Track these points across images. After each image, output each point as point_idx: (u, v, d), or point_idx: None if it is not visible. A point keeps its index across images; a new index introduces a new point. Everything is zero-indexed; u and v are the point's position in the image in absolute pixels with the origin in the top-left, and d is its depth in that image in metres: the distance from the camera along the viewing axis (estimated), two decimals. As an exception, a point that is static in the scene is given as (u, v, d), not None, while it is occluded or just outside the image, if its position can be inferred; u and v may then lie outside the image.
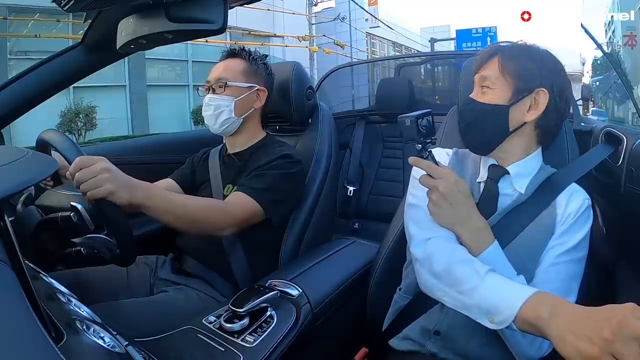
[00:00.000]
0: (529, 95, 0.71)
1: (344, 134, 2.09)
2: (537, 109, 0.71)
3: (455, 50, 10.92)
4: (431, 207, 0.68)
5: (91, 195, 0.68)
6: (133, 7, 0.60)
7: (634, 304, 0.45)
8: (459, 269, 0.62)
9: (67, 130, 7.10)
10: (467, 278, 0.61)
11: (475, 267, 0.61)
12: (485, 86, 0.73)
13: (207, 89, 1.04)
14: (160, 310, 0.89)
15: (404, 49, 18.01)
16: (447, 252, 0.66)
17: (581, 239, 0.69)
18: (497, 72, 0.72)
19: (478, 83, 0.75)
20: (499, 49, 0.75)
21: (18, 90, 0.93)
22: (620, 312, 0.45)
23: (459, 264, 0.63)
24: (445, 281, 0.63)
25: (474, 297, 0.59)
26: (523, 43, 0.75)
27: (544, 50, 0.74)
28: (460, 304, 0.61)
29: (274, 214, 0.95)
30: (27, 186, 0.56)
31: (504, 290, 0.57)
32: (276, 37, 11.76)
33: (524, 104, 0.71)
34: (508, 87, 0.71)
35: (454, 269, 0.63)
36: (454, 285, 0.62)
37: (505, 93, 0.71)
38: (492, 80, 0.72)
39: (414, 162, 0.69)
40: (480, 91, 0.74)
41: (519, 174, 0.74)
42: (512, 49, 0.74)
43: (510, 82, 0.71)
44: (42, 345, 0.32)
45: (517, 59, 0.72)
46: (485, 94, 0.73)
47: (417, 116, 0.68)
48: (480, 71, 0.75)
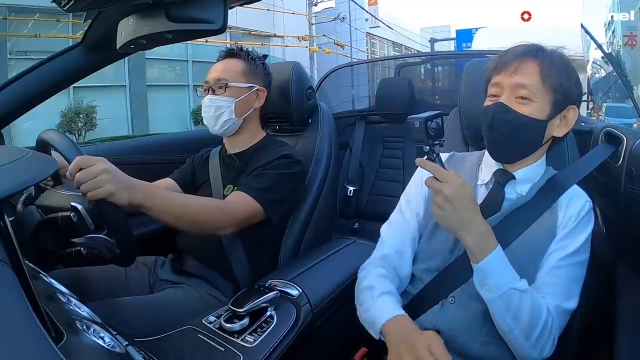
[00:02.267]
0: (562, 111, 0.70)
1: (344, 134, 2.09)
2: (567, 125, 0.71)
3: (456, 50, 10.92)
4: (435, 210, 0.66)
5: (91, 196, 0.68)
6: (133, 7, 0.60)
7: (434, 336, 0.62)
8: (362, 295, 0.75)
9: (67, 130, 7.09)
10: (364, 301, 0.73)
11: (373, 294, 0.72)
12: (526, 97, 0.68)
13: (206, 89, 1.03)
14: (160, 309, 0.89)
15: (404, 49, 18.00)
16: (370, 276, 0.76)
17: (582, 242, 0.69)
18: (538, 81, 0.68)
19: (510, 88, 0.69)
20: (537, 52, 0.70)
21: (18, 90, 0.93)
22: (423, 341, 0.61)
23: (364, 290, 0.75)
24: (358, 299, 0.76)
25: (368, 315, 0.71)
26: (555, 50, 0.72)
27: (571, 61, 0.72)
28: (361, 318, 0.74)
29: (274, 213, 0.95)
30: (27, 186, 0.56)
31: (378, 311, 0.70)
32: (276, 37, 11.75)
33: (556, 119, 0.70)
34: (548, 100, 0.68)
35: (361, 294, 0.75)
36: (360, 305, 0.75)
37: (545, 106, 0.68)
38: (533, 91, 0.68)
39: (420, 164, 0.67)
40: (517, 100, 0.69)
41: (525, 179, 0.73)
42: (551, 56, 0.69)
43: (551, 95, 0.68)
44: (42, 345, 0.32)
45: (557, 70, 0.68)
46: (524, 105, 0.68)
47: (427, 118, 0.67)
48: (513, 74, 0.69)
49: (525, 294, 0.64)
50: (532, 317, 0.63)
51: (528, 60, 0.69)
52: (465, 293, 0.70)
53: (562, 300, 0.66)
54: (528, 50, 0.70)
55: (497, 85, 0.71)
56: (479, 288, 0.66)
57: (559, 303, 0.66)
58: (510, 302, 0.64)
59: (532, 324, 0.64)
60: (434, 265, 0.75)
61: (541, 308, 0.64)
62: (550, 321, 0.65)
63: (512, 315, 0.64)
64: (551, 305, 0.65)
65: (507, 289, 0.64)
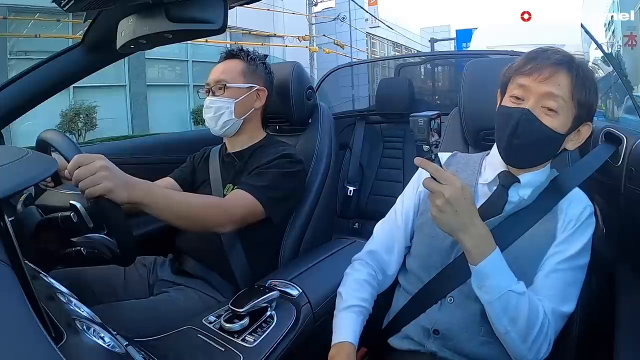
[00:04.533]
0: (579, 126, 0.70)
1: (344, 134, 2.09)
2: (579, 140, 0.71)
3: (456, 50, 10.92)
4: (435, 212, 0.65)
5: (89, 192, 0.68)
6: (133, 7, 0.60)
7: None
8: (337, 295, 0.79)
9: (67, 130, 7.09)
10: (337, 306, 0.77)
11: (339, 305, 0.76)
12: (553, 109, 0.66)
13: (207, 91, 1.04)
14: (161, 311, 0.89)
15: (404, 49, 17.99)
16: (348, 279, 0.80)
17: (582, 246, 0.68)
18: (568, 94, 0.66)
19: (539, 96, 0.67)
20: (571, 63, 0.67)
21: (18, 90, 0.93)
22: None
23: (338, 293, 0.79)
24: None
25: (335, 321, 0.75)
26: (586, 63, 0.71)
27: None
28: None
29: (273, 212, 0.95)
30: (27, 186, 0.56)
31: (335, 327, 0.74)
32: (276, 37, 11.76)
33: (573, 133, 0.70)
34: (571, 115, 0.67)
35: (337, 294, 0.79)
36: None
37: (567, 120, 0.67)
38: (561, 103, 0.66)
39: (420, 164, 0.65)
40: (542, 109, 0.67)
41: (529, 183, 0.73)
42: (584, 70, 0.67)
43: (575, 109, 0.67)
44: (42, 345, 0.32)
45: (586, 86, 0.67)
46: (549, 117, 0.67)
47: (431, 116, 0.66)
48: (543, 81, 0.66)
49: (523, 297, 0.64)
50: (529, 319, 0.63)
51: (562, 70, 0.66)
52: (464, 293, 0.70)
53: (559, 304, 0.66)
54: (563, 60, 0.67)
55: (523, 88, 0.68)
56: (476, 289, 0.66)
57: (556, 306, 0.66)
58: (508, 304, 0.63)
59: (529, 326, 0.63)
60: (430, 262, 0.75)
61: (538, 311, 0.64)
62: (546, 324, 0.65)
63: (509, 317, 0.64)
64: (548, 308, 0.65)
65: (504, 291, 0.63)
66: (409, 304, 0.77)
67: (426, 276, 0.75)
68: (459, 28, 14.04)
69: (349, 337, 0.72)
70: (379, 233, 0.85)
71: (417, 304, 0.75)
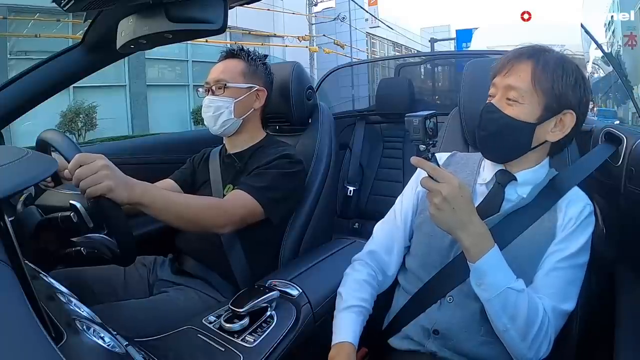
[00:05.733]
0: (557, 115, 0.69)
1: (344, 134, 2.09)
2: (562, 130, 0.70)
3: (456, 50, 10.93)
4: (433, 211, 0.65)
5: (90, 192, 0.67)
6: (133, 7, 0.60)
7: None
8: (337, 295, 0.79)
9: (67, 130, 7.10)
10: (337, 307, 0.77)
11: (339, 305, 0.77)
12: (513, 99, 0.68)
13: (206, 90, 1.04)
14: (160, 311, 0.89)
15: (404, 49, 17.99)
16: (349, 279, 0.80)
17: (582, 245, 0.68)
18: (528, 84, 0.67)
19: (502, 89, 0.69)
20: (532, 53, 0.68)
21: (18, 90, 0.93)
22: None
23: (338, 293, 0.79)
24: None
25: (335, 322, 0.76)
26: (558, 52, 0.70)
27: (575, 65, 0.69)
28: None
29: (273, 212, 0.95)
30: (27, 186, 0.56)
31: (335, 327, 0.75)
32: (276, 37, 11.76)
33: (550, 123, 0.69)
34: (538, 104, 0.67)
35: (337, 294, 0.79)
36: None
37: (534, 109, 0.68)
38: (522, 93, 0.67)
39: (417, 163, 0.66)
40: (506, 101, 0.69)
41: (527, 181, 0.73)
42: (547, 59, 0.68)
43: (542, 98, 0.67)
44: (42, 345, 0.32)
45: (552, 73, 0.67)
46: (511, 107, 0.68)
47: (425, 116, 0.67)
48: (505, 75, 0.69)
49: (522, 294, 0.64)
50: (528, 317, 0.63)
51: (522, 62, 0.68)
52: (464, 292, 0.70)
53: (559, 302, 0.66)
54: (526, 52, 0.69)
55: (494, 86, 0.72)
56: (475, 287, 0.66)
57: (557, 304, 0.66)
58: (507, 302, 0.64)
59: (529, 324, 0.64)
60: (430, 261, 0.75)
61: (538, 309, 0.64)
62: (546, 322, 0.65)
63: (508, 315, 0.64)
64: (548, 306, 0.65)
65: (503, 289, 0.63)
66: (409, 303, 0.77)
67: (426, 275, 0.75)
68: (459, 28, 14.08)
69: (349, 338, 0.72)
70: (378, 233, 0.85)
71: (416, 303, 0.76)
